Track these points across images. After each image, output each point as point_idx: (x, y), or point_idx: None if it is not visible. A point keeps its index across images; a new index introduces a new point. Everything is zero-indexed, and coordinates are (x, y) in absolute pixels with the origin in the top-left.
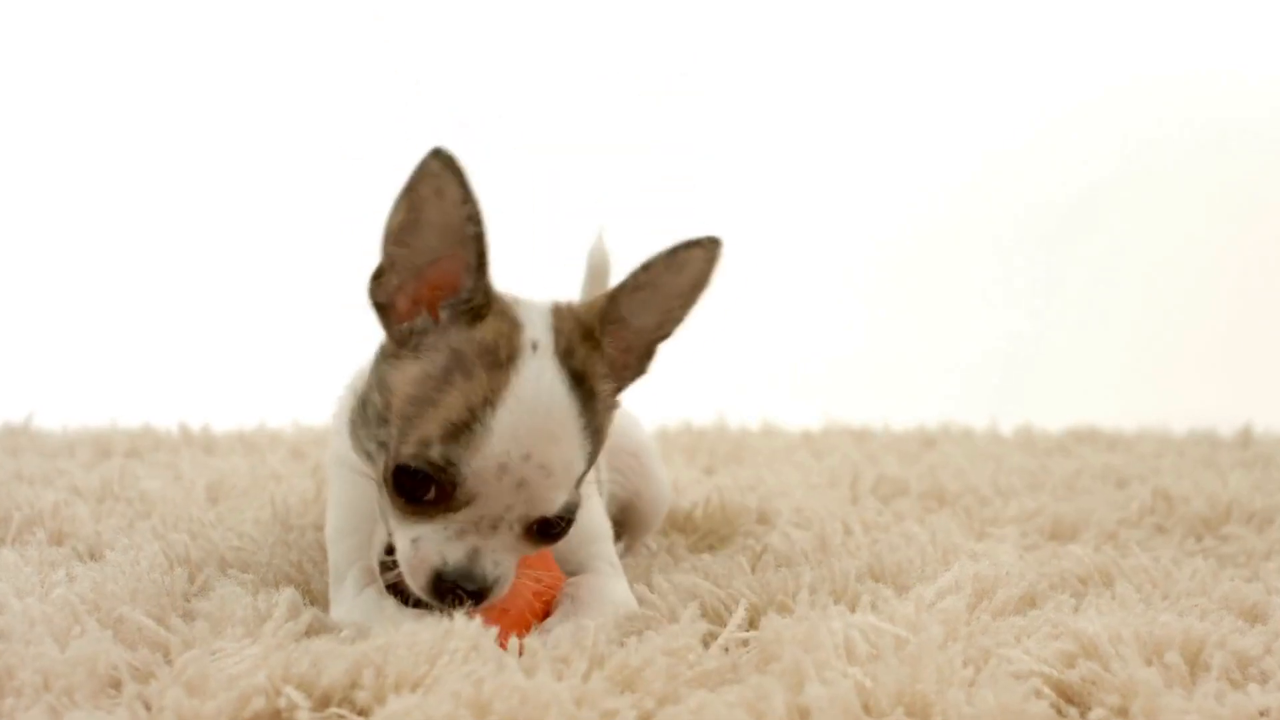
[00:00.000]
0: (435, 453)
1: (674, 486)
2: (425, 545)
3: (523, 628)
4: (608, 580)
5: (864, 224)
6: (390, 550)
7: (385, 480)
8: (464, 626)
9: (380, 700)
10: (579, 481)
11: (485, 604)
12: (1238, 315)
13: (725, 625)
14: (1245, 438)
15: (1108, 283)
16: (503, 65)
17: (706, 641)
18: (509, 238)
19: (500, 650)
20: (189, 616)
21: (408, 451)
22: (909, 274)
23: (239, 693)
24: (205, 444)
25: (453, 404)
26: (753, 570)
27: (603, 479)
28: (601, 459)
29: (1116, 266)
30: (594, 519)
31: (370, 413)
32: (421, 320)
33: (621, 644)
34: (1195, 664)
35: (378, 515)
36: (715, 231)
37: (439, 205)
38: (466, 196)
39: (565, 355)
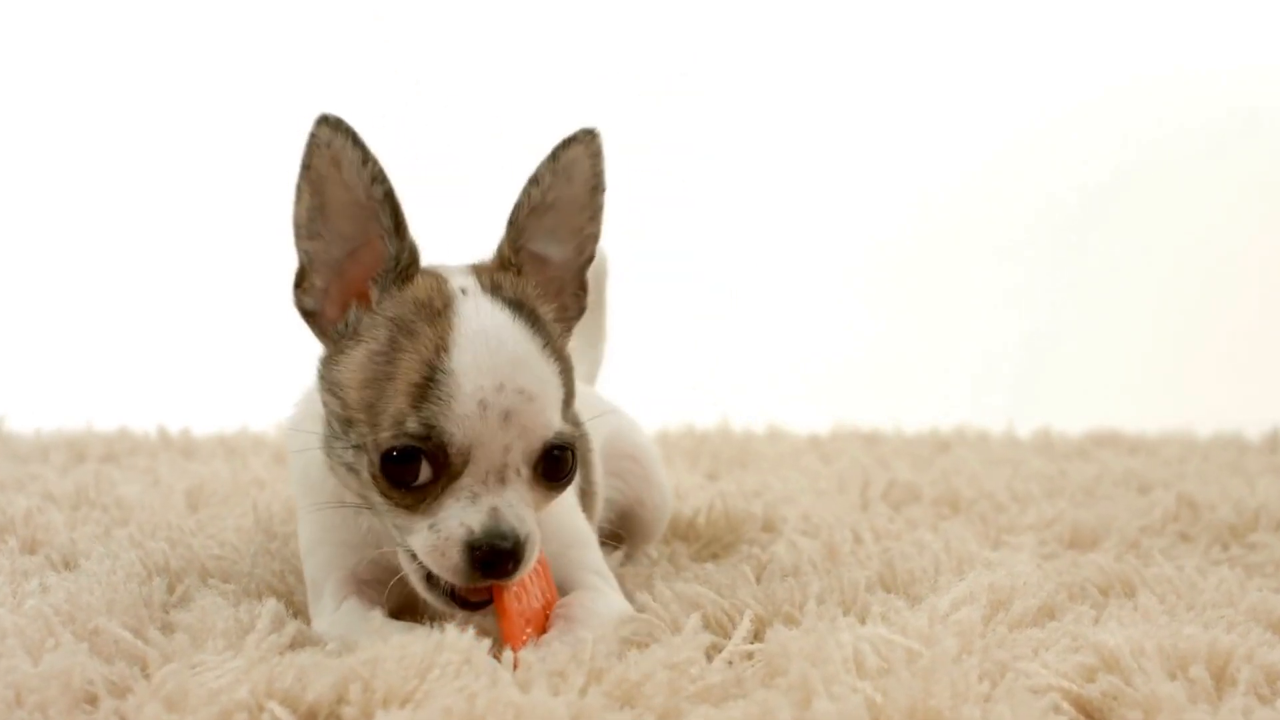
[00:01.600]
0: (412, 424)
1: (676, 492)
2: (445, 524)
3: (538, 632)
4: (599, 595)
5: (875, 219)
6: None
7: (375, 478)
8: (456, 638)
9: (368, 716)
10: (565, 408)
11: (523, 569)
12: (1264, 312)
13: (729, 637)
14: (1273, 441)
15: (1129, 279)
16: (502, 65)
17: (710, 654)
18: (485, 240)
19: (494, 663)
20: (168, 628)
21: (386, 436)
22: (921, 270)
23: (220, 708)
24: (185, 448)
25: (408, 367)
26: (758, 580)
27: (598, 483)
28: (597, 462)
29: (1138, 262)
30: (571, 523)
31: (335, 425)
32: (353, 313)
33: (621, 657)
34: (1221, 678)
35: (365, 538)
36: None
37: (339, 178)
38: (365, 157)
39: (494, 289)
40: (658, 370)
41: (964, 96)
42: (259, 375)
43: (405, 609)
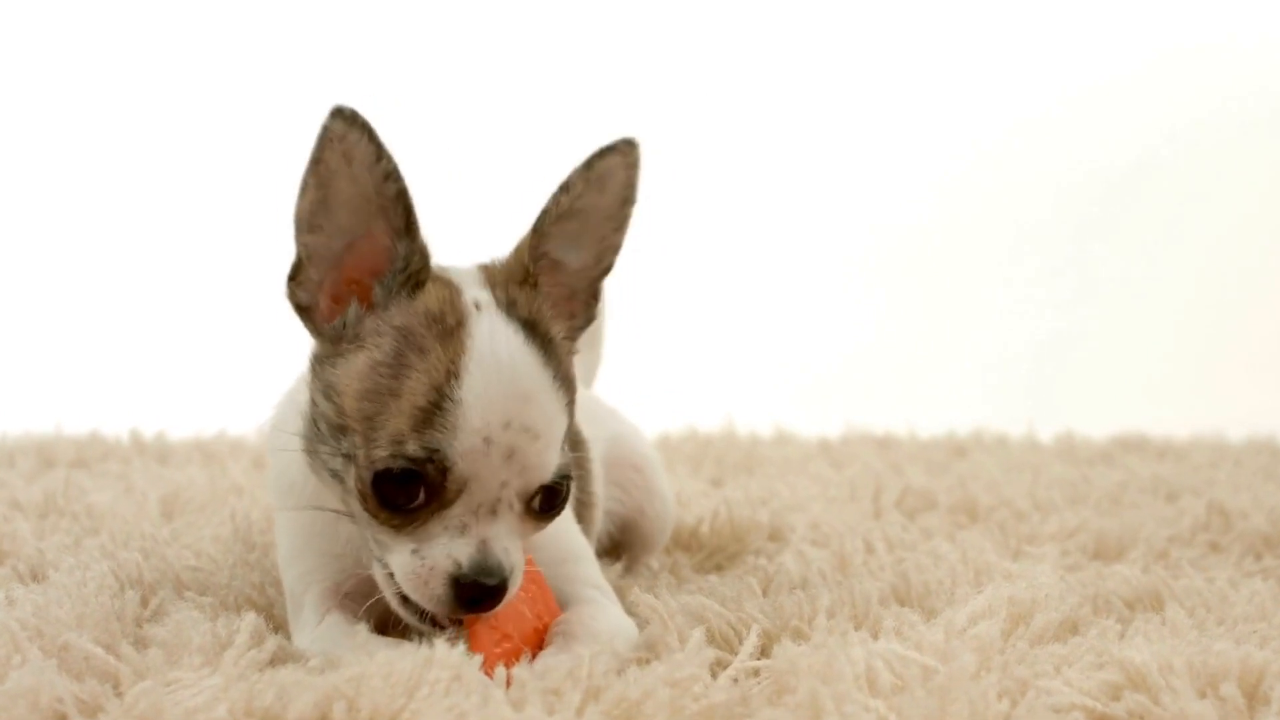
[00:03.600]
0: (412, 446)
1: (678, 499)
2: (431, 552)
3: (515, 658)
4: (599, 609)
5: (888, 213)
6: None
7: (364, 494)
8: (446, 654)
9: None
10: (564, 440)
11: (505, 601)
12: None
13: (734, 653)
14: None
15: (1155, 274)
16: (500, 66)
17: (714, 671)
18: (506, 240)
19: (486, 681)
20: (141, 644)
21: (382, 454)
22: (937, 266)
23: None
24: (159, 453)
25: (415, 388)
26: (765, 592)
27: (597, 493)
28: (597, 471)
29: (1164, 257)
30: (568, 537)
31: (324, 427)
32: (353, 311)
33: (620, 674)
34: (1254, 696)
35: (346, 549)
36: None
37: (349, 173)
38: (379, 153)
39: (510, 307)
40: (659, 370)
41: (979, 88)
42: (237, 376)
43: (391, 623)
